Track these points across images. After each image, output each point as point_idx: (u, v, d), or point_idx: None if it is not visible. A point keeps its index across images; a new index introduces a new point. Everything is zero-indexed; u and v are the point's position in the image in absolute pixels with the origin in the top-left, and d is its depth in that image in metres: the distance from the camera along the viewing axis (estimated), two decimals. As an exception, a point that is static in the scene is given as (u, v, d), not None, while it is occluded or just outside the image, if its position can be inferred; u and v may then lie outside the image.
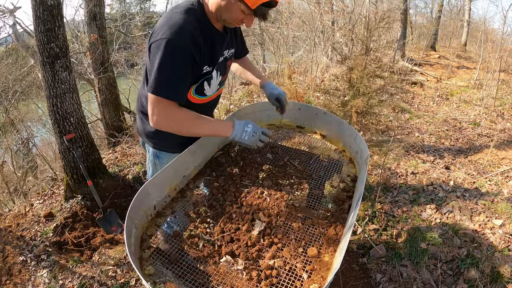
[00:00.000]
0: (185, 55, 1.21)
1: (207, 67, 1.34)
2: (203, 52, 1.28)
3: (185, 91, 1.30)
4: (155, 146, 1.57)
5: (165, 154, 1.56)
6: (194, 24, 1.23)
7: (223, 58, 1.44)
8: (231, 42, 1.47)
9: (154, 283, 1.03)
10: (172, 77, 1.21)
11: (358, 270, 2.38)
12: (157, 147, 1.56)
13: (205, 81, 1.38)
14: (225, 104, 5.23)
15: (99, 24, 4.74)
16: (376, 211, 2.85)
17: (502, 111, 5.56)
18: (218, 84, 1.48)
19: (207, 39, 1.28)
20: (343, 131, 1.72)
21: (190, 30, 1.20)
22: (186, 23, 1.20)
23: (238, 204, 1.33)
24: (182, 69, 1.22)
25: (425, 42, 10.67)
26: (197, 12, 1.27)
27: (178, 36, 1.17)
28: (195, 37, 1.22)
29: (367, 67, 3.34)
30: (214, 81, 1.43)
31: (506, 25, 24.94)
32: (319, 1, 7.05)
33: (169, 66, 1.19)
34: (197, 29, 1.23)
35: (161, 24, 1.21)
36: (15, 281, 2.38)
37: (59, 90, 2.92)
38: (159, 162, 1.59)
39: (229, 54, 1.49)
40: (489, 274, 2.17)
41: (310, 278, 1.07)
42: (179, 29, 1.18)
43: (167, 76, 1.20)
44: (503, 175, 3.44)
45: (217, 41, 1.34)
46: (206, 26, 1.29)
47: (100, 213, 2.96)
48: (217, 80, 1.45)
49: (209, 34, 1.29)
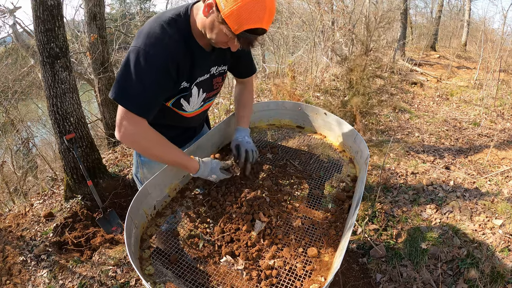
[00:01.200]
0: (158, 69, 1.13)
1: (185, 83, 1.27)
2: (181, 67, 1.21)
3: (152, 107, 1.19)
4: None
5: None
6: (174, 38, 1.16)
7: (209, 75, 1.36)
8: (221, 58, 1.39)
9: (154, 283, 1.03)
10: (138, 89, 1.13)
11: (358, 270, 2.38)
12: None
13: (181, 98, 1.31)
14: (225, 104, 5.23)
15: (99, 24, 4.74)
16: (376, 211, 2.85)
17: (502, 111, 5.56)
18: (202, 101, 1.42)
19: (186, 54, 1.21)
20: (343, 131, 1.72)
21: (167, 44, 1.14)
22: (165, 36, 1.14)
23: (238, 204, 1.33)
24: (152, 83, 1.14)
25: (425, 42, 10.68)
26: (181, 25, 1.19)
27: (152, 48, 1.11)
28: (172, 52, 1.15)
29: (367, 67, 3.34)
30: (194, 99, 1.36)
31: (506, 25, 24.95)
32: (319, 1, 7.05)
33: (137, 77, 1.12)
34: (176, 43, 1.16)
35: (141, 32, 1.16)
36: (15, 281, 2.38)
37: (59, 90, 2.92)
38: (141, 161, 1.58)
39: (218, 71, 1.41)
40: (489, 274, 2.17)
41: (310, 278, 1.07)
42: (156, 40, 1.12)
43: (133, 86, 1.13)
44: (503, 175, 3.44)
45: (199, 57, 1.26)
46: (188, 41, 1.21)
47: (100, 213, 2.96)
48: (199, 97, 1.38)
49: (189, 49, 1.22)
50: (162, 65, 1.14)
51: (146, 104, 1.16)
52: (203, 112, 1.54)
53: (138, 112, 1.15)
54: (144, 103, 1.15)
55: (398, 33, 8.83)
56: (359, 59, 3.33)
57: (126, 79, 1.13)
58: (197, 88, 1.34)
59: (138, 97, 1.14)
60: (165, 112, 1.37)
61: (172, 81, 1.21)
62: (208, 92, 1.42)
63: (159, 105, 1.24)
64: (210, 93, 1.45)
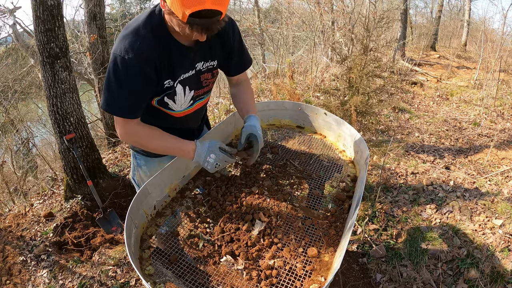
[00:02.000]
0: (135, 73, 1.14)
1: (169, 81, 1.25)
2: (159, 67, 1.19)
3: (138, 108, 1.23)
4: (132, 147, 1.58)
5: (141, 156, 1.55)
6: (148, 38, 1.15)
7: (194, 72, 1.31)
8: (208, 53, 1.32)
9: (154, 283, 1.03)
10: (121, 95, 1.17)
11: (358, 270, 2.38)
12: (134, 149, 1.57)
13: (165, 96, 1.29)
14: (225, 104, 5.23)
15: (99, 24, 4.74)
16: (376, 211, 2.85)
17: (502, 111, 5.56)
18: (190, 99, 1.37)
19: (163, 53, 1.19)
20: (343, 131, 1.72)
21: (141, 46, 1.13)
22: (138, 39, 1.13)
23: (238, 204, 1.33)
24: (132, 87, 1.17)
25: (425, 42, 10.67)
26: (155, 23, 1.17)
27: (127, 53, 1.12)
28: (146, 54, 1.14)
29: (366, 67, 3.34)
30: (180, 97, 1.32)
31: (506, 25, 24.95)
32: (319, 1, 7.05)
33: (117, 83, 1.16)
34: (149, 44, 1.15)
35: (119, 36, 1.17)
36: (15, 281, 2.38)
37: (59, 90, 2.92)
38: (137, 164, 1.59)
39: (206, 67, 1.35)
40: (489, 274, 2.17)
41: (310, 278, 1.07)
42: (129, 45, 1.12)
43: (116, 94, 1.17)
44: (503, 175, 3.44)
45: (178, 54, 1.22)
46: (163, 39, 1.18)
47: (100, 213, 2.96)
48: (186, 96, 1.34)
49: (166, 47, 1.19)
50: (138, 68, 1.15)
51: (131, 107, 1.21)
52: (197, 112, 1.49)
53: (125, 115, 1.22)
54: (129, 107, 1.21)
55: (398, 33, 8.83)
56: (358, 58, 3.33)
57: (109, 88, 1.18)
58: (182, 86, 1.30)
59: (122, 102, 1.19)
60: (155, 113, 1.36)
61: (152, 81, 1.21)
62: (196, 90, 1.37)
63: (145, 103, 1.26)
64: (200, 90, 1.39)
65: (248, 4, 11.25)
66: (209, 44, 1.29)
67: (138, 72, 1.15)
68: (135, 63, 1.13)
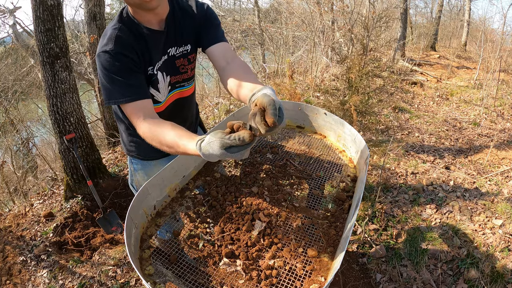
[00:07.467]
0: (120, 58, 1.18)
1: (151, 68, 1.29)
2: (140, 54, 1.24)
3: (140, 88, 1.21)
4: (127, 152, 1.56)
5: (137, 160, 1.55)
6: (122, 28, 1.21)
7: (168, 57, 1.33)
8: (180, 38, 1.35)
9: (154, 283, 1.03)
10: (115, 82, 1.18)
11: (358, 270, 2.38)
12: (129, 154, 1.56)
13: (151, 87, 1.32)
14: (225, 104, 5.23)
15: (99, 24, 4.74)
16: (376, 211, 2.85)
17: (502, 111, 5.56)
18: (168, 86, 1.38)
19: (140, 40, 1.24)
20: (343, 131, 1.72)
21: (117, 36, 1.19)
22: (114, 31, 1.20)
23: (238, 204, 1.33)
24: (122, 70, 1.18)
25: (425, 42, 10.67)
26: (125, 18, 1.24)
27: (107, 46, 1.17)
28: (124, 41, 1.19)
29: (366, 66, 3.34)
30: (162, 84, 1.35)
31: (506, 25, 24.94)
32: (319, 1, 7.04)
33: (109, 75, 1.18)
34: (124, 33, 1.20)
35: (100, 38, 1.24)
36: (15, 281, 2.38)
37: (59, 90, 2.92)
38: (134, 169, 1.58)
39: (181, 52, 1.37)
40: (489, 274, 2.17)
41: (310, 278, 1.07)
42: (108, 39, 1.19)
43: (112, 84, 1.18)
44: (503, 175, 3.44)
45: (151, 38, 1.26)
46: (133, 27, 1.24)
47: (100, 213, 2.96)
48: (165, 82, 1.36)
49: (139, 33, 1.24)
50: (121, 54, 1.18)
51: (129, 89, 1.18)
52: (181, 104, 1.46)
53: (131, 99, 1.17)
54: (127, 89, 1.18)
55: (398, 33, 8.83)
56: (357, 58, 3.33)
57: (104, 83, 1.20)
58: (161, 72, 1.33)
59: (120, 88, 1.18)
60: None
61: (139, 65, 1.24)
62: (172, 75, 1.37)
63: (144, 86, 1.24)
64: (177, 76, 1.40)
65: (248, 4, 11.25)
66: (180, 30, 1.33)
67: (123, 57, 1.18)
68: (118, 51, 1.17)
